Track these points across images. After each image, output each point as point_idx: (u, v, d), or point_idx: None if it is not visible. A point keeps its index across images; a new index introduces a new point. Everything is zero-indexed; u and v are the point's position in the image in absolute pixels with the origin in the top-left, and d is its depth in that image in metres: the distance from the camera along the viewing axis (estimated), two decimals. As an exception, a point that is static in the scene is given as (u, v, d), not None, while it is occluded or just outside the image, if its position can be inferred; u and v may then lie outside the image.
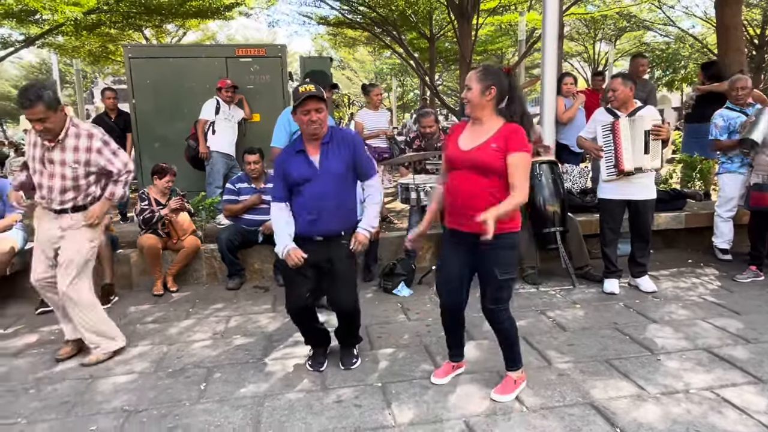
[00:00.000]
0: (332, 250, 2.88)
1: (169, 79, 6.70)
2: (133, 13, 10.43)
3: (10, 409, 2.74)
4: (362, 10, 14.54)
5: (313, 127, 2.78)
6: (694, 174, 6.23)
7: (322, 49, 27.81)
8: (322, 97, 2.78)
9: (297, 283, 2.88)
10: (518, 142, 2.47)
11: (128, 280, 4.78)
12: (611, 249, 4.27)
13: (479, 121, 2.59)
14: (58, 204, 3.14)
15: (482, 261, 2.58)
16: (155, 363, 3.23)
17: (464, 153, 2.55)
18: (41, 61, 26.33)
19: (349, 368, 3.05)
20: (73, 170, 3.10)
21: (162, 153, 6.43)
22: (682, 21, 21.07)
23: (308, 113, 2.75)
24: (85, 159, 3.11)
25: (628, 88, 3.97)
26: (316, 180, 2.82)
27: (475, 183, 2.50)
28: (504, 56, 22.20)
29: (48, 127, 2.97)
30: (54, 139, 3.05)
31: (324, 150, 2.86)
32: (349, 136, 2.99)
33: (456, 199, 2.58)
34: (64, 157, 3.08)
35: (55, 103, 2.97)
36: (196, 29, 17.45)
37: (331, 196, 2.83)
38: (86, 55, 13.41)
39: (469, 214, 2.44)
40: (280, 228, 2.89)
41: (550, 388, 2.79)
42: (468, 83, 2.57)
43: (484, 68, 2.62)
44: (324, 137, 2.86)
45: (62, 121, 3.04)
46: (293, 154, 2.89)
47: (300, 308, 2.91)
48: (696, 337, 3.38)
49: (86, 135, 3.11)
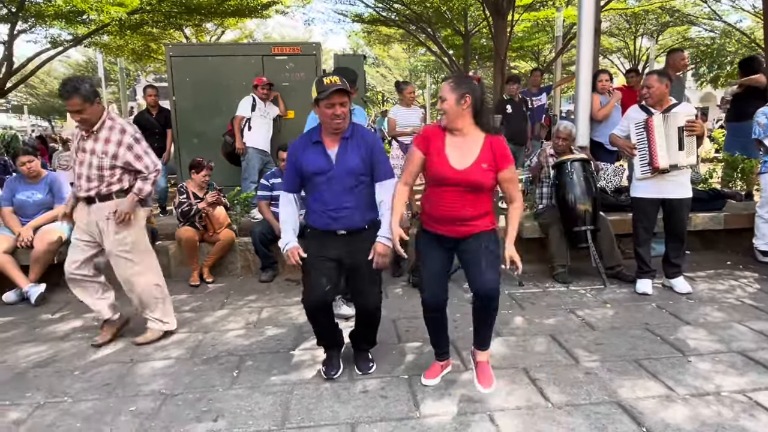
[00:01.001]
0: (356, 244, 2.77)
1: (207, 77, 6.90)
2: (174, 13, 10.73)
3: (57, 388, 2.91)
4: (397, 8, 14.59)
5: (336, 121, 2.67)
6: (736, 173, 6.05)
7: (356, 47, 27.97)
8: (347, 90, 2.67)
9: (316, 277, 2.75)
10: (506, 156, 2.63)
11: (167, 271, 4.93)
12: (644, 248, 4.20)
13: (460, 132, 2.62)
14: (84, 191, 3.29)
15: (471, 245, 2.64)
16: (191, 350, 3.37)
17: (458, 173, 2.57)
18: (87, 59, 27.32)
19: (366, 373, 2.94)
20: (99, 159, 3.23)
21: (200, 148, 6.64)
22: (729, 15, 20.24)
23: (333, 106, 2.63)
24: (113, 152, 3.23)
25: (664, 85, 3.89)
26: (332, 173, 2.71)
27: (465, 197, 2.60)
28: (540, 53, 21.86)
29: (84, 118, 3.16)
30: (90, 129, 3.23)
31: (343, 144, 2.75)
32: (369, 136, 2.87)
33: (446, 211, 2.62)
34: (95, 146, 3.24)
35: (92, 96, 3.15)
36: (234, 28, 17.81)
37: (347, 191, 2.73)
38: (129, 54, 13.88)
39: (458, 223, 2.62)
40: (285, 223, 2.83)
41: (577, 386, 2.78)
42: (442, 94, 2.59)
43: (456, 78, 2.64)
44: (346, 132, 2.75)
45: (99, 113, 3.22)
46: (309, 144, 2.77)
47: (318, 303, 2.77)
48: (731, 339, 3.30)
49: (119, 130, 3.26)
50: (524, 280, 4.56)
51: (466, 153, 2.60)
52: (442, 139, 2.65)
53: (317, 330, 2.94)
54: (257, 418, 2.56)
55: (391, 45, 24.35)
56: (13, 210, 4.52)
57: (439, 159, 2.62)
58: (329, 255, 2.76)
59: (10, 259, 4.35)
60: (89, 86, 3.15)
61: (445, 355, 2.93)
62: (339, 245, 2.77)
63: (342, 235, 2.77)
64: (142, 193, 3.36)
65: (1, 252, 4.32)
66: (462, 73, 2.95)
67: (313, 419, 2.54)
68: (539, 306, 3.99)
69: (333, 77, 2.67)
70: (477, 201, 2.62)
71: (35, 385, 2.95)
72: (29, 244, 4.34)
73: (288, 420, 2.54)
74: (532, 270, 4.90)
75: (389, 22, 15.71)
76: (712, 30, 19.29)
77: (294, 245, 2.77)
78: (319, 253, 2.77)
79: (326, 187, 2.72)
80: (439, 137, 2.65)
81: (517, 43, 17.78)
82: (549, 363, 3.05)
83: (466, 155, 2.60)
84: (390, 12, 15.11)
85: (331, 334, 2.97)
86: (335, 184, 2.71)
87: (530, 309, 3.93)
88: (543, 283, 4.52)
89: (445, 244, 2.71)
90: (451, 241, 2.69)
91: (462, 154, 2.60)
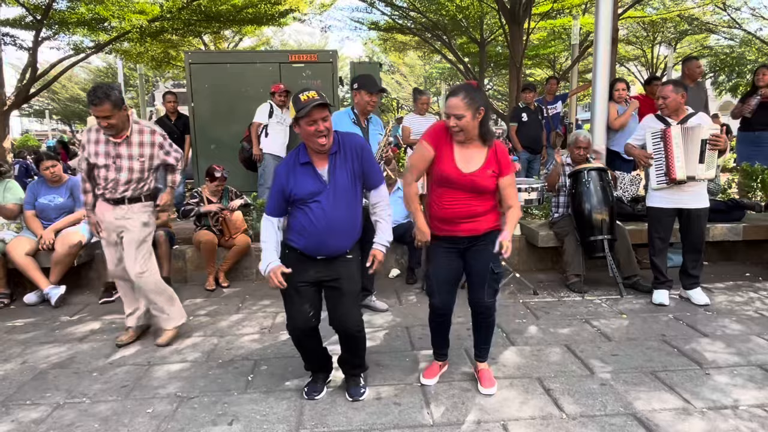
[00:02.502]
0: (338, 266, 2.63)
1: (225, 84, 7.00)
2: (193, 21, 10.90)
3: (76, 389, 2.96)
4: (413, 15, 14.65)
5: (321, 139, 2.49)
6: (755, 184, 5.96)
7: (372, 54, 28.13)
8: (326, 104, 2.48)
9: (297, 302, 2.61)
10: (509, 164, 2.69)
11: (183, 275, 5.03)
12: (660, 259, 4.16)
13: (469, 140, 2.64)
14: (119, 194, 3.40)
15: (477, 260, 2.71)
16: (206, 353, 3.41)
17: (464, 176, 2.61)
18: (108, 65, 27.84)
19: (357, 399, 2.77)
20: (141, 163, 3.40)
21: (217, 154, 6.73)
22: (749, 23, 20.04)
23: (314, 123, 2.45)
24: (149, 153, 3.43)
25: (679, 95, 3.87)
26: (326, 195, 2.55)
27: (470, 198, 2.65)
28: (556, 61, 21.78)
29: (112, 123, 3.25)
30: (117, 135, 3.33)
31: (333, 161, 2.58)
32: (356, 142, 2.68)
33: (451, 212, 2.66)
34: (131, 151, 3.37)
35: (120, 103, 3.26)
36: (252, 35, 18.03)
37: (341, 213, 2.57)
38: (149, 60, 14.11)
39: (466, 220, 2.66)
40: (266, 242, 2.62)
41: (592, 397, 2.76)
42: (455, 112, 2.52)
43: (466, 93, 2.55)
44: (333, 147, 2.57)
45: (125, 119, 3.33)
46: (297, 166, 2.58)
47: (304, 330, 2.64)
48: (749, 352, 3.26)
49: (149, 131, 3.44)
50: (539, 289, 4.54)
51: (471, 158, 2.64)
52: (450, 140, 2.66)
53: (305, 356, 2.82)
54: (272, 422, 2.59)
55: (407, 52, 24.43)
56: (35, 213, 4.61)
57: (446, 160, 2.64)
58: (309, 279, 2.61)
59: (31, 261, 4.44)
60: (118, 93, 3.28)
61: (444, 357, 3.01)
62: (319, 267, 2.62)
63: (322, 259, 2.62)
64: (176, 184, 3.66)
65: (23, 254, 4.41)
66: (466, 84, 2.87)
67: (327, 425, 2.56)
68: (554, 315, 3.97)
69: (310, 92, 2.48)
70: (482, 198, 2.67)
71: (54, 386, 3.01)
72: (51, 247, 4.43)
73: (302, 425, 2.55)
74: (547, 279, 4.88)
75: (405, 29, 15.77)
76: (731, 38, 19.08)
77: (276, 264, 2.57)
78: (300, 278, 2.60)
79: (319, 209, 2.55)
80: (448, 138, 2.66)
81: (532, 51, 17.74)
82: (563, 373, 3.03)
83: (471, 160, 2.64)
84: (406, 20, 15.18)
85: (319, 359, 2.85)
86: (328, 205, 2.55)
87: (545, 318, 3.91)
88: (558, 293, 4.50)
89: (455, 246, 2.73)
90: (461, 242, 2.72)
91: (468, 159, 2.64)
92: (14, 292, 4.60)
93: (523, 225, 5.30)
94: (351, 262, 2.67)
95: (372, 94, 3.82)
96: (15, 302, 4.52)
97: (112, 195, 3.41)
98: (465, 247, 2.74)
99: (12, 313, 4.30)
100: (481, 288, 2.73)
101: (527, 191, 4.55)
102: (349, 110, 3.95)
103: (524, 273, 4.82)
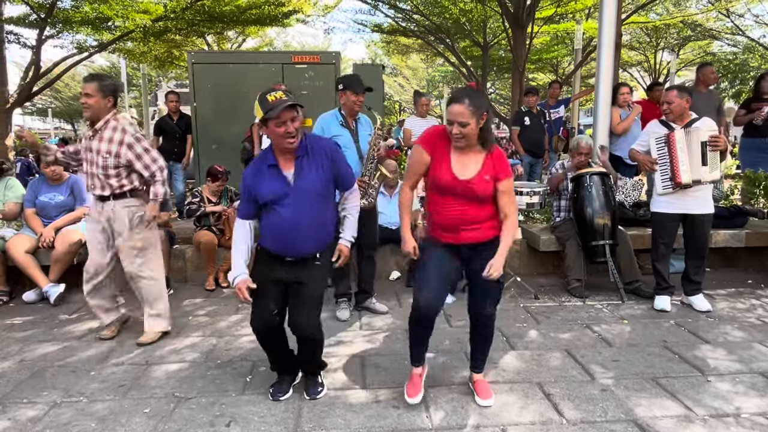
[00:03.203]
0: (305, 269, 2.62)
1: (228, 84, 7.00)
2: (197, 21, 10.92)
3: (73, 388, 2.95)
4: (416, 18, 14.66)
5: (289, 140, 2.47)
6: (758, 191, 5.94)
7: (375, 56, 28.15)
8: (296, 104, 2.46)
9: (264, 301, 2.61)
10: (506, 168, 2.57)
11: (183, 275, 5.02)
12: (663, 264, 4.14)
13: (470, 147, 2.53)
14: (99, 190, 3.39)
15: (479, 268, 2.54)
16: (205, 354, 3.39)
17: (462, 182, 2.51)
18: (111, 64, 27.88)
19: (314, 398, 2.78)
20: (103, 159, 3.33)
21: (219, 154, 6.72)
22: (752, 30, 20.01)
23: (284, 124, 2.42)
24: (115, 151, 3.34)
25: (684, 100, 3.85)
26: (290, 198, 2.53)
27: (469, 205, 2.54)
28: (559, 65, 21.78)
29: (90, 104, 3.28)
30: (92, 124, 3.34)
31: (299, 164, 2.55)
32: (325, 145, 2.68)
33: (451, 219, 2.56)
34: (100, 146, 3.34)
35: (107, 91, 3.28)
36: (255, 36, 18.05)
37: (306, 215, 2.54)
38: (152, 60, 14.12)
39: (466, 228, 2.56)
40: (237, 252, 2.62)
41: (592, 403, 2.74)
42: (460, 119, 2.38)
43: (470, 98, 2.40)
44: (299, 150, 2.55)
45: (105, 109, 3.32)
46: (264, 169, 2.57)
47: (267, 328, 2.65)
48: (751, 360, 3.23)
49: (121, 129, 3.36)
50: (539, 293, 4.52)
51: (468, 163, 2.53)
52: (447, 145, 2.55)
53: (270, 357, 2.82)
54: (270, 424, 2.57)
55: (410, 55, 24.46)
56: (35, 211, 4.60)
57: (442, 165, 2.53)
58: (276, 277, 2.62)
59: (31, 259, 4.43)
60: (110, 82, 3.31)
61: (422, 360, 2.80)
62: (287, 268, 2.62)
63: (290, 261, 2.62)
64: (159, 197, 3.48)
65: (23, 252, 4.40)
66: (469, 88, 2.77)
67: (325, 427, 2.54)
68: (554, 320, 3.95)
69: (277, 93, 2.45)
70: (482, 205, 2.57)
71: (52, 384, 2.99)
72: (51, 245, 4.42)
73: (300, 427, 2.54)
74: (548, 283, 4.87)
75: (408, 32, 15.79)
76: (734, 45, 19.08)
77: (243, 278, 2.57)
78: (267, 276, 2.62)
79: (284, 212, 2.54)
80: (445, 143, 2.55)
81: (535, 55, 17.75)
82: (564, 378, 3.01)
83: (468, 165, 2.53)
84: (409, 22, 15.20)
85: (284, 360, 2.84)
86: (293, 208, 2.53)
87: (545, 323, 3.89)
88: (559, 297, 4.48)
89: (455, 252, 2.63)
90: (461, 250, 2.62)
91: (465, 164, 2.53)
92: (13, 290, 4.59)
93: (524, 229, 5.28)
94: (319, 267, 2.65)
95: (358, 94, 3.80)
96: (14, 300, 4.51)
97: (92, 191, 3.42)
98: (468, 255, 2.63)
99: (11, 310, 4.29)
100: (485, 297, 2.65)
101: (529, 195, 4.53)
102: (337, 112, 3.92)
103: (525, 277, 4.80)
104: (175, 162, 6.84)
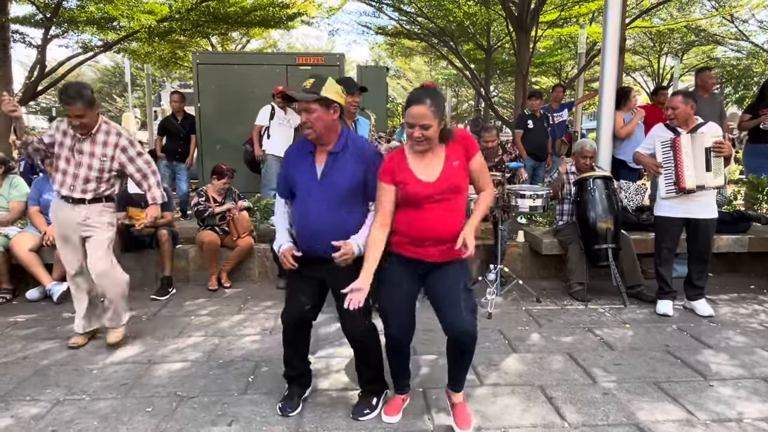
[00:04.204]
0: (335, 273, 2.46)
1: (232, 85, 7.02)
2: (202, 22, 10.94)
3: (76, 386, 2.96)
4: (420, 21, 14.68)
5: (305, 130, 2.40)
6: (761, 196, 5.93)
7: (379, 58, 28.20)
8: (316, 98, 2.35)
9: (296, 294, 2.56)
10: (473, 144, 2.39)
11: (185, 275, 5.03)
12: (666, 268, 4.14)
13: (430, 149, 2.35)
14: (79, 193, 3.34)
15: (444, 277, 2.38)
16: (207, 353, 3.40)
17: (434, 183, 2.31)
18: (115, 65, 27.98)
19: (357, 419, 2.60)
20: (100, 162, 3.33)
21: (223, 155, 6.74)
22: (756, 35, 20.03)
23: (303, 112, 2.38)
24: (111, 154, 3.34)
25: (689, 106, 3.86)
26: (314, 191, 2.44)
27: (445, 210, 2.33)
28: (562, 69, 21.79)
29: (84, 122, 3.24)
30: (86, 132, 3.30)
31: (331, 160, 2.45)
32: (368, 151, 2.50)
33: (425, 232, 2.33)
34: (94, 149, 3.32)
35: (92, 102, 3.22)
36: (260, 37, 18.09)
37: (328, 213, 2.41)
38: (157, 60, 14.16)
39: (434, 242, 2.33)
40: (278, 225, 2.62)
41: (594, 407, 2.74)
42: (423, 122, 2.20)
43: (431, 98, 2.22)
44: (336, 145, 2.44)
45: (97, 117, 3.31)
46: (304, 153, 2.51)
47: (297, 320, 2.57)
48: (754, 365, 3.23)
49: (115, 133, 3.37)
50: (542, 297, 4.52)
51: (431, 163, 2.34)
52: (403, 160, 2.36)
53: (287, 356, 2.70)
54: (271, 424, 2.57)
55: (413, 57, 24.51)
56: (39, 209, 4.62)
57: (408, 181, 2.32)
58: (312, 274, 2.53)
59: (35, 257, 4.45)
60: (90, 92, 3.23)
61: (407, 388, 2.67)
62: (328, 266, 2.46)
63: (318, 259, 2.47)
64: (157, 200, 3.50)
65: (27, 250, 4.42)
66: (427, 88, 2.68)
67: (326, 428, 2.54)
68: (556, 323, 3.95)
69: (309, 80, 2.40)
70: (456, 210, 2.35)
71: (55, 382, 3.00)
72: (54, 243, 4.43)
73: (302, 427, 2.54)
74: (550, 286, 4.86)
75: (412, 35, 15.81)
76: (738, 50, 19.08)
77: (288, 246, 2.51)
78: (303, 269, 2.52)
79: (308, 204, 2.45)
80: (401, 160, 2.36)
81: (539, 58, 17.76)
82: (566, 381, 3.01)
83: (432, 162, 2.34)
84: (413, 25, 15.21)
85: (298, 364, 2.72)
86: (316, 202, 2.43)
87: (547, 326, 3.89)
88: (561, 300, 4.47)
89: (414, 270, 2.43)
90: (422, 266, 2.41)
91: (427, 163, 2.34)
92: (17, 288, 4.61)
93: (527, 232, 5.28)
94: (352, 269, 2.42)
95: (352, 95, 3.86)
96: (17, 298, 4.53)
97: (69, 193, 3.33)
98: (425, 271, 2.43)
99: (14, 308, 4.31)
100: (456, 307, 2.32)
101: (532, 198, 4.52)
102: None
103: (527, 280, 4.80)
104: (179, 162, 6.86)
